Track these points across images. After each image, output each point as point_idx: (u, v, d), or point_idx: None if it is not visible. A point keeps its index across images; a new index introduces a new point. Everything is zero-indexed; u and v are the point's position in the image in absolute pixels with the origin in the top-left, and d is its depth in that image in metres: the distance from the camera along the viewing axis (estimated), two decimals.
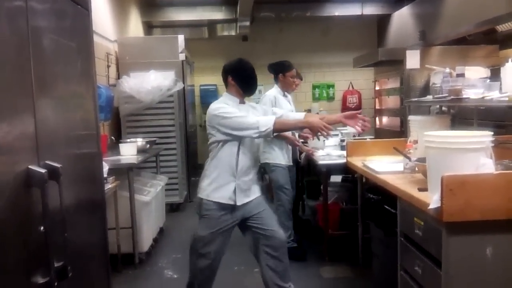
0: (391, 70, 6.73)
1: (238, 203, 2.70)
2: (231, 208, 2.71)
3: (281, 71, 4.11)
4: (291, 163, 4.05)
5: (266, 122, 2.59)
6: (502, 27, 5.35)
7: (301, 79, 4.79)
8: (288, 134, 3.79)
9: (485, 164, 1.89)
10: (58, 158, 1.40)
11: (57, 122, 1.53)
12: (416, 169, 2.60)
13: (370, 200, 3.32)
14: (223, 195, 2.70)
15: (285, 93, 4.17)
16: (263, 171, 4.42)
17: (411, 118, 3.33)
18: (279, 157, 3.94)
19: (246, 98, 2.86)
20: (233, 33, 8.16)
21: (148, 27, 8.06)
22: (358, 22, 8.30)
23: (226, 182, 2.70)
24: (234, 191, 2.70)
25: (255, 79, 2.80)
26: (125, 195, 3.86)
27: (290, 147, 4.03)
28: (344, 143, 3.95)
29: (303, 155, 4.40)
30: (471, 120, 3.97)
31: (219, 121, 2.65)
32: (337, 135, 4.56)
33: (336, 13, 7.81)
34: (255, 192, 2.82)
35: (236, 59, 2.85)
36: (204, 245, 2.71)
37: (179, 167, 5.87)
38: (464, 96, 2.88)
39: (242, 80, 2.76)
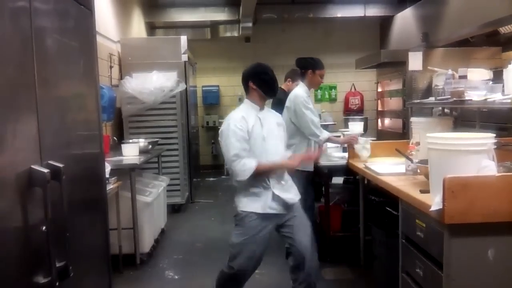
0: (394, 72, 6.73)
1: (277, 211, 2.72)
2: (270, 217, 2.72)
3: (312, 67, 3.84)
4: (311, 169, 3.83)
5: (245, 171, 2.62)
6: (504, 29, 5.35)
7: None
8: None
9: (487, 166, 1.88)
10: (61, 158, 1.40)
11: (60, 122, 1.53)
12: (418, 171, 2.60)
13: (372, 202, 3.32)
14: (261, 205, 2.70)
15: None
16: None
17: (413, 120, 3.33)
18: (302, 164, 3.65)
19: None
20: (235, 34, 8.17)
21: (151, 28, 8.08)
22: (361, 23, 8.31)
23: (261, 192, 2.71)
24: (273, 199, 2.71)
25: (275, 80, 2.79)
26: (127, 195, 3.87)
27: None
28: (346, 145, 3.95)
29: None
30: (474, 122, 3.96)
31: (224, 146, 2.70)
32: (339, 136, 4.56)
33: (339, 15, 7.81)
34: (294, 196, 2.82)
35: (254, 64, 2.84)
36: (237, 253, 2.71)
37: (181, 168, 5.87)
38: (467, 98, 2.88)
39: (263, 83, 2.75)
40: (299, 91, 3.79)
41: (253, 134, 2.70)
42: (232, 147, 2.64)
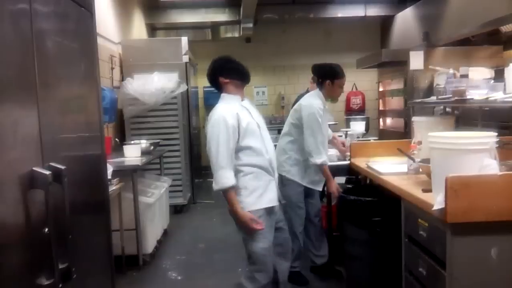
0: (395, 71, 6.73)
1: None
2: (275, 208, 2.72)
3: (330, 77, 3.44)
4: (311, 187, 3.56)
5: (222, 181, 2.58)
6: (506, 28, 5.34)
7: None
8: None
9: (489, 165, 1.88)
10: (62, 160, 1.40)
11: (61, 124, 1.53)
12: (420, 170, 2.59)
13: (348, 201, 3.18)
14: (270, 198, 2.65)
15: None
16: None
17: (415, 119, 3.32)
18: (299, 175, 3.49)
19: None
20: (236, 34, 8.17)
21: (152, 29, 8.08)
22: (362, 23, 8.30)
23: (266, 184, 2.64)
24: (277, 189, 2.73)
25: (241, 64, 2.73)
26: (129, 196, 3.87)
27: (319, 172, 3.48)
28: (348, 144, 3.94)
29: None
30: (475, 121, 3.95)
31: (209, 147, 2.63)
32: (341, 136, 4.55)
33: (339, 15, 7.81)
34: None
35: (214, 59, 2.75)
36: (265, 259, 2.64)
37: (183, 168, 5.88)
38: (468, 97, 2.87)
39: (233, 72, 2.69)
40: (311, 101, 3.41)
41: (248, 127, 2.58)
42: (218, 154, 2.60)
